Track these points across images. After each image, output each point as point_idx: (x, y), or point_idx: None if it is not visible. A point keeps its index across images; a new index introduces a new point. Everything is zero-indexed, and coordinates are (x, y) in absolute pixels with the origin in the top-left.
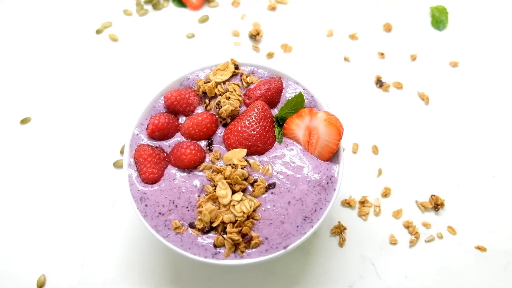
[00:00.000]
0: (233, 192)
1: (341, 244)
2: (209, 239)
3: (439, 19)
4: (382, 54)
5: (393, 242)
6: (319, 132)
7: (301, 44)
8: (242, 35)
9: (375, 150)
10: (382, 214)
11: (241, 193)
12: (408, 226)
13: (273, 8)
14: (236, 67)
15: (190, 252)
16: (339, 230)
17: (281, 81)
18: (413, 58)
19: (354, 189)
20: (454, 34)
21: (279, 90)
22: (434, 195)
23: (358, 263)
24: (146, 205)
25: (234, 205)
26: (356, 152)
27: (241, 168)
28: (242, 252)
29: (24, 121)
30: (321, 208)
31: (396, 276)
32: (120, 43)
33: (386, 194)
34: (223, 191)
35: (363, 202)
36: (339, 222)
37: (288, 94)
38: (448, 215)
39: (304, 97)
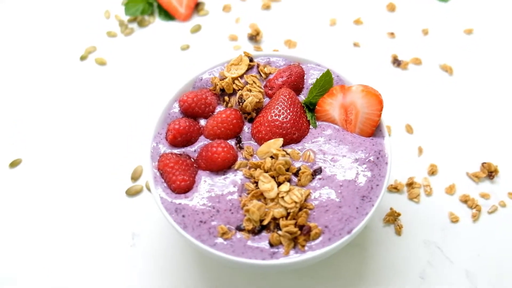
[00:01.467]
0: (278, 184)
1: (398, 232)
2: (262, 240)
3: None
4: (392, 33)
5: (454, 220)
6: (357, 106)
7: (306, 37)
8: (241, 38)
9: (409, 129)
10: (435, 193)
11: (288, 183)
12: (465, 200)
13: (267, 7)
14: (251, 60)
15: (245, 256)
16: (392, 218)
17: (301, 66)
18: (425, 32)
19: (397, 172)
20: (460, 3)
21: (301, 75)
22: (485, 163)
23: (423, 250)
24: (183, 216)
25: (282, 197)
26: (390, 135)
27: (282, 157)
28: (303, 246)
29: (14, 163)
30: (377, 185)
31: (468, 256)
32: (110, 66)
33: (433, 171)
34: (267, 184)
35: (410, 184)
36: (391, 209)
37: (311, 79)
38: (505, 181)
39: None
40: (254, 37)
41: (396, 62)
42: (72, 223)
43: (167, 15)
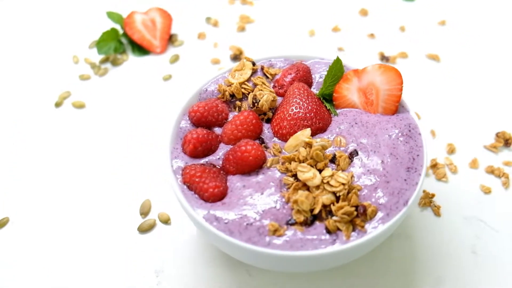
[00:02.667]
0: (319, 172)
1: (437, 213)
2: (318, 229)
3: None
4: (372, 34)
5: (487, 191)
6: (376, 84)
7: (289, 50)
8: (224, 61)
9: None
10: (460, 170)
11: (329, 168)
12: (491, 171)
13: (242, 29)
14: (253, 63)
15: (305, 249)
16: (428, 200)
17: (305, 66)
18: (402, 29)
19: None
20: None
21: (308, 70)
22: (499, 132)
23: (466, 225)
24: (226, 223)
25: (327, 182)
26: None
27: (316, 143)
28: (362, 227)
29: (3, 222)
30: (418, 155)
31: (511, 222)
32: (90, 108)
33: (452, 150)
34: (308, 173)
35: (435, 165)
36: (424, 191)
37: (318, 74)
38: None
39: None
40: (237, 57)
41: (385, 58)
42: (89, 270)
43: (141, 50)
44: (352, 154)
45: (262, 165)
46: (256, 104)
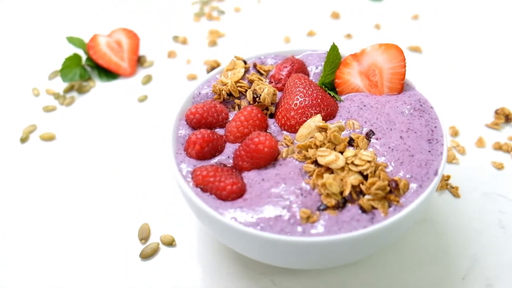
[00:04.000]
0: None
1: (456, 194)
2: (352, 210)
3: None
4: (349, 35)
5: (500, 166)
6: (378, 64)
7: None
8: (201, 75)
9: None
10: (468, 151)
11: (350, 148)
12: (499, 147)
13: (214, 43)
14: (244, 62)
15: (344, 231)
16: (444, 183)
17: (298, 59)
18: (377, 27)
19: None
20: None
21: (302, 63)
22: (498, 109)
23: (487, 202)
24: (252, 217)
25: (352, 162)
26: None
27: (332, 125)
28: (398, 201)
29: None
30: (435, 127)
31: None
32: (60, 139)
33: (455, 133)
34: (330, 156)
35: None
36: None
37: (312, 65)
38: None
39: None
40: (215, 69)
41: None
42: None
43: (109, 74)
44: (369, 135)
45: (277, 157)
46: (257, 98)
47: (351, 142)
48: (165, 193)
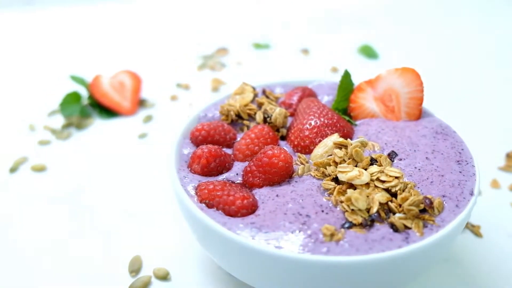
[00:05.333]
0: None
1: (478, 233)
2: (382, 229)
3: None
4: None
5: None
6: (395, 88)
7: None
8: None
9: None
10: (483, 191)
11: (374, 165)
12: None
13: (216, 89)
14: (253, 88)
15: (376, 251)
16: None
17: (309, 88)
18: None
19: None
20: (386, 60)
21: (313, 92)
22: (509, 153)
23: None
24: (266, 232)
25: (377, 178)
26: None
27: (353, 141)
28: (432, 221)
29: None
30: (462, 149)
31: None
32: (51, 170)
33: None
34: (353, 172)
35: None
36: None
37: (325, 95)
38: None
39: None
40: None
41: None
42: None
43: (109, 113)
44: (391, 155)
45: (292, 174)
46: (268, 119)
47: (372, 162)
48: (161, 224)
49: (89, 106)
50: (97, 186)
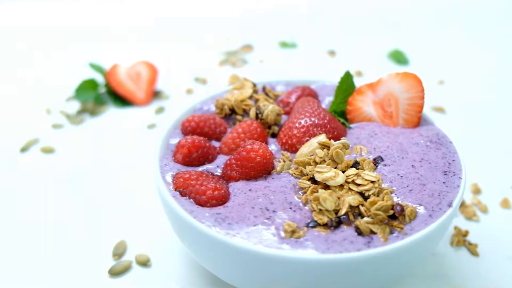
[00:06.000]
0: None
1: (474, 252)
2: (347, 231)
3: None
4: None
5: None
6: (394, 94)
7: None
8: None
9: None
10: (490, 210)
11: (353, 168)
12: None
13: (235, 80)
14: (254, 84)
15: (333, 251)
16: (461, 238)
17: (311, 88)
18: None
19: None
20: (418, 65)
21: (314, 93)
22: None
23: (511, 267)
24: (229, 224)
25: (353, 180)
26: None
27: (335, 142)
28: (400, 228)
29: None
30: (453, 160)
31: None
32: (59, 153)
33: (477, 190)
34: (329, 173)
35: (462, 204)
36: (456, 228)
37: (327, 97)
38: None
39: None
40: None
41: None
42: None
43: (123, 102)
44: (377, 160)
45: (270, 170)
46: (260, 115)
47: (356, 166)
48: (152, 212)
49: (105, 94)
50: (99, 171)
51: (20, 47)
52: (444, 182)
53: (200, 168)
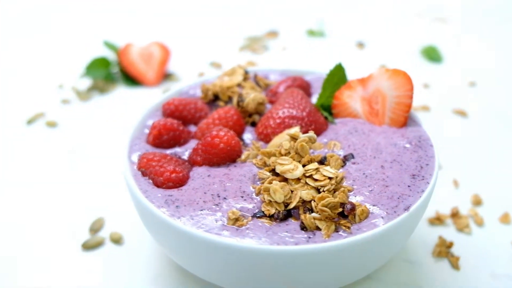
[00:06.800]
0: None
1: (455, 265)
2: (291, 225)
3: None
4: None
5: None
6: (382, 91)
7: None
8: None
9: None
10: (487, 223)
11: (315, 163)
12: None
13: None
14: (246, 72)
15: (270, 242)
16: (444, 249)
17: (304, 79)
18: (425, 86)
19: (435, 205)
20: (452, 62)
21: (306, 84)
22: None
23: (494, 284)
24: (177, 207)
25: (311, 175)
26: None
27: (304, 134)
28: (348, 228)
29: None
30: (427, 164)
31: None
32: (62, 127)
33: (477, 201)
34: (288, 165)
35: (455, 215)
36: (440, 238)
37: (316, 89)
38: None
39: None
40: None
41: None
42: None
43: (133, 81)
44: (347, 157)
45: (235, 158)
46: (241, 103)
47: (323, 161)
48: None
49: (117, 73)
50: (96, 148)
51: (40, 21)
52: (409, 186)
53: (169, 151)
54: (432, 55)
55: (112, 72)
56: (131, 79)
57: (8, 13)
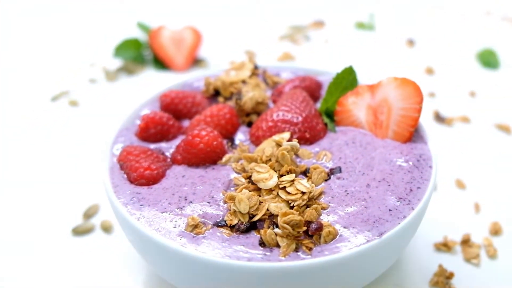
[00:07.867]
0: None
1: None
2: (251, 239)
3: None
4: (432, 94)
5: None
6: (389, 100)
7: None
8: None
9: (460, 184)
10: (500, 255)
11: (293, 175)
12: None
13: (285, 58)
14: (255, 67)
15: (219, 255)
16: (442, 279)
17: (316, 79)
18: (472, 94)
19: (447, 229)
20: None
21: (317, 85)
22: None
23: None
24: (141, 205)
25: (284, 187)
26: (435, 189)
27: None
28: (310, 249)
29: None
30: (418, 188)
31: None
32: (83, 106)
33: (496, 231)
34: (264, 174)
35: (466, 242)
36: (440, 267)
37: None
38: None
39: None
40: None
41: (439, 118)
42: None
43: (162, 65)
44: (333, 171)
45: (216, 159)
46: (238, 101)
47: (306, 172)
48: None
49: (148, 55)
50: (107, 130)
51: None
52: (390, 210)
53: (154, 146)
54: (488, 59)
55: (143, 54)
56: (160, 63)
57: None
